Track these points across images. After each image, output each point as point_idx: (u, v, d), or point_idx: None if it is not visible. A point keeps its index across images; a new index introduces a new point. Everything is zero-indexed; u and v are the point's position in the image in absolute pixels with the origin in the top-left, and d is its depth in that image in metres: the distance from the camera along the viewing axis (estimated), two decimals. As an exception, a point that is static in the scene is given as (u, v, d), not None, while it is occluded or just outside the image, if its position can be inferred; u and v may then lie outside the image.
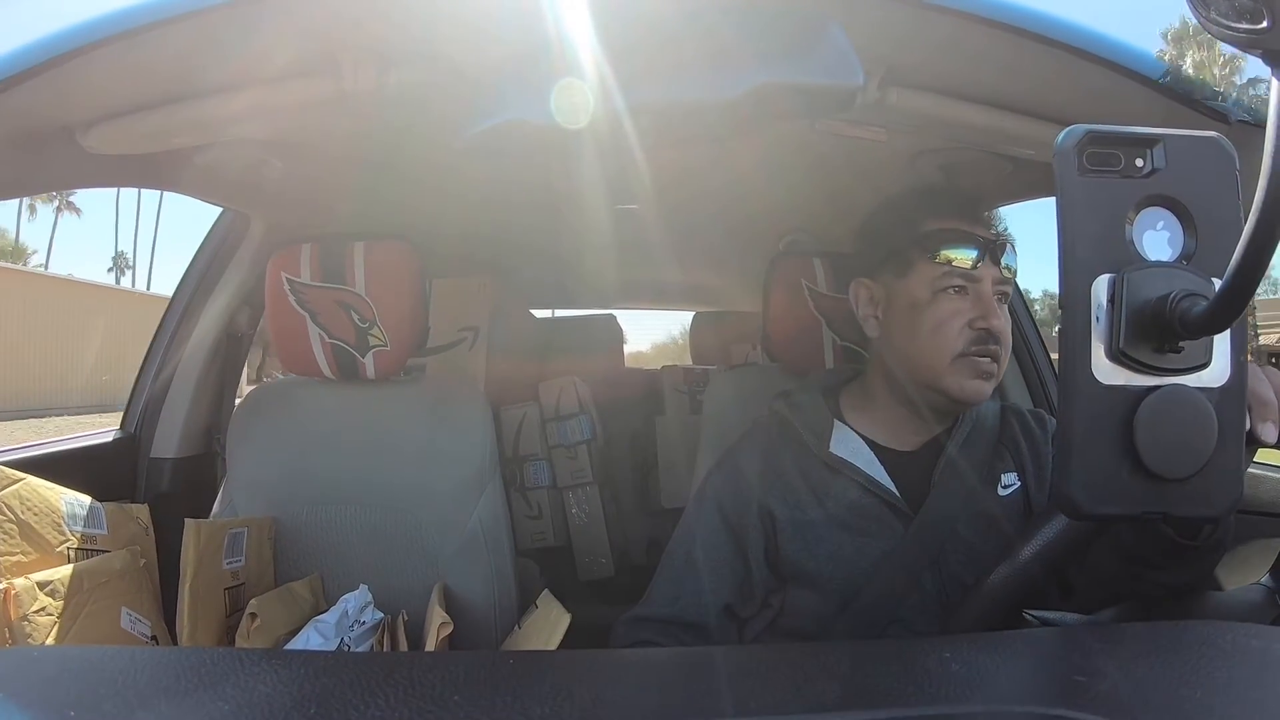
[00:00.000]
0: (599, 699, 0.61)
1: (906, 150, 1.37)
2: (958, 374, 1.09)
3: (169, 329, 1.87)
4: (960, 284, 1.10)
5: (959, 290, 1.10)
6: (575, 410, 2.82)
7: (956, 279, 1.10)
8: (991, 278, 1.10)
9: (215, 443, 1.90)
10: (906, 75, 1.09)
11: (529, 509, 2.79)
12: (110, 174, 1.30)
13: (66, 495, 1.24)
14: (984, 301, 1.10)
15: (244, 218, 1.80)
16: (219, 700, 0.55)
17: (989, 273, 1.10)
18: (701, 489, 1.25)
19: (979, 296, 1.10)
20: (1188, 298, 0.55)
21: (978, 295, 1.10)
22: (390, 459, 1.46)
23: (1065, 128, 0.59)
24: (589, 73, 0.94)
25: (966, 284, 1.10)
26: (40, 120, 1.08)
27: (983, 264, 1.10)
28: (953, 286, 1.11)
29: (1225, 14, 0.46)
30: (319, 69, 1.07)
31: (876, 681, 0.65)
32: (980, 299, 1.10)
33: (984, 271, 1.10)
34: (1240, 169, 0.58)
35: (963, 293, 1.11)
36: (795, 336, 1.56)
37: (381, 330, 1.45)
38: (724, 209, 1.94)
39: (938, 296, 1.11)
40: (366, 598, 1.31)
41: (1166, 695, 0.56)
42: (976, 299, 1.10)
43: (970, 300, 1.10)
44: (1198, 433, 0.57)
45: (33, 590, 1.09)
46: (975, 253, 1.10)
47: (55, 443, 1.73)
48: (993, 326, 1.08)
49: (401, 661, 0.79)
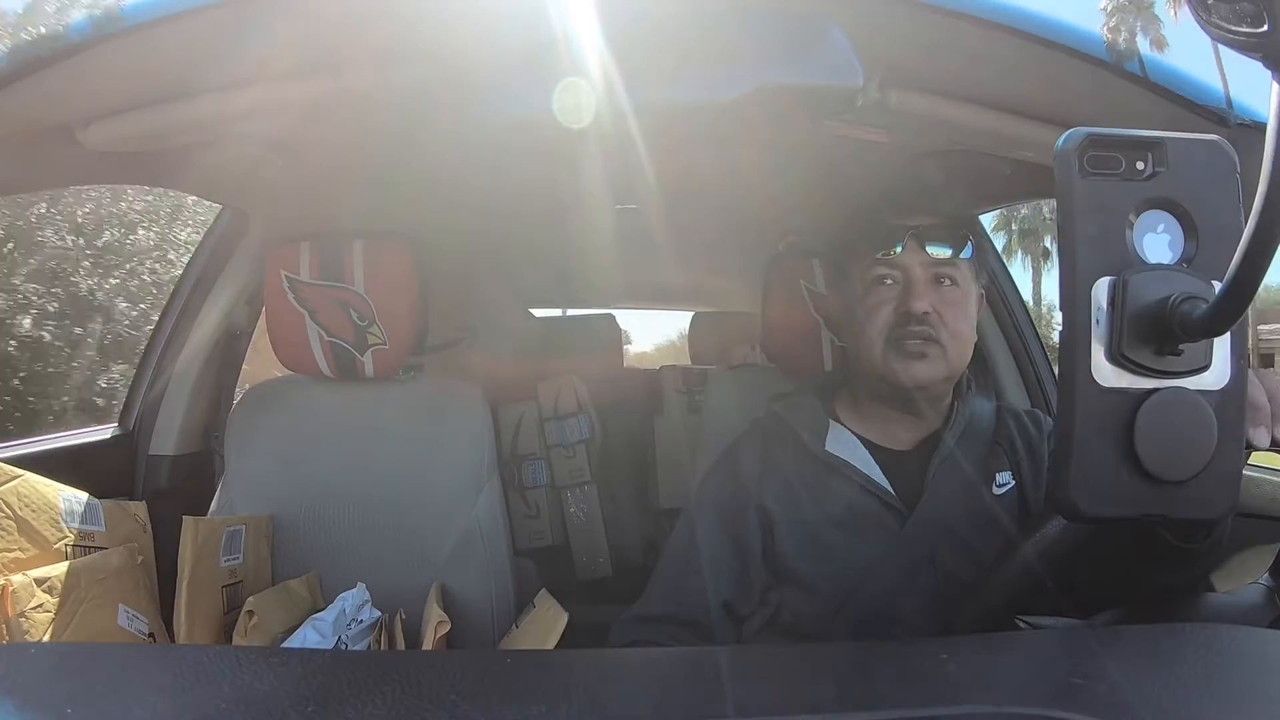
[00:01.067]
0: (596, 698, 0.60)
1: (907, 152, 1.37)
2: (890, 359, 1.12)
3: (168, 326, 1.87)
4: (886, 273, 1.13)
5: (889, 281, 1.13)
6: (574, 410, 2.81)
7: (882, 268, 1.14)
8: (920, 263, 1.12)
9: (213, 440, 1.90)
10: (907, 76, 1.09)
11: (527, 508, 2.78)
12: (110, 171, 1.30)
13: (64, 492, 1.24)
14: (909, 286, 1.12)
15: (243, 216, 1.80)
16: (216, 698, 0.55)
17: (915, 259, 1.12)
18: (700, 488, 1.26)
19: (907, 283, 1.12)
20: (1188, 300, 0.55)
21: (907, 282, 1.12)
22: (388, 457, 1.46)
23: (1066, 130, 0.59)
24: (590, 72, 0.94)
25: (893, 272, 1.13)
26: (39, 118, 1.08)
27: (906, 251, 1.12)
28: (880, 276, 1.14)
29: (1226, 18, 0.46)
30: (319, 67, 1.06)
31: (873, 683, 0.65)
32: (907, 284, 1.12)
33: (909, 259, 1.12)
34: (1241, 172, 0.58)
35: (893, 284, 1.13)
36: (794, 337, 1.57)
37: (380, 329, 1.45)
38: (724, 209, 1.94)
39: (869, 290, 1.15)
40: (364, 596, 1.31)
41: (1165, 698, 0.56)
42: (905, 286, 1.12)
43: (899, 289, 1.13)
44: (1197, 435, 0.57)
45: (30, 587, 1.09)
46: (897, 242, 1.12)
47: (53, 439, 1.73)
48: (911, 308, 1.10)
49: (399, 660, 0.79)
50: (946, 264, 1.13)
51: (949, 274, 1.13)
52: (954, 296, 1.13)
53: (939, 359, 1.11)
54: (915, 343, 1.11)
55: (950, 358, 1.12)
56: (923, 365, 1.11)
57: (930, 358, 1.11)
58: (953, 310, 1.12)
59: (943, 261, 1.12)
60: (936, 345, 1.11)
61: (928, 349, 1.11)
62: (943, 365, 1.12)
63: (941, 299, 1.12)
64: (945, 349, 1.11)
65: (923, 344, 1.11)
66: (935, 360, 1.11)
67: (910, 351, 1.11)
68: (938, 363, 1.12)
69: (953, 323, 1.12)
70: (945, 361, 1.12)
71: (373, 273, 1.44)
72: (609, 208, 1.76)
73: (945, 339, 1.11)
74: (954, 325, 1.12)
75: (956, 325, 1.12)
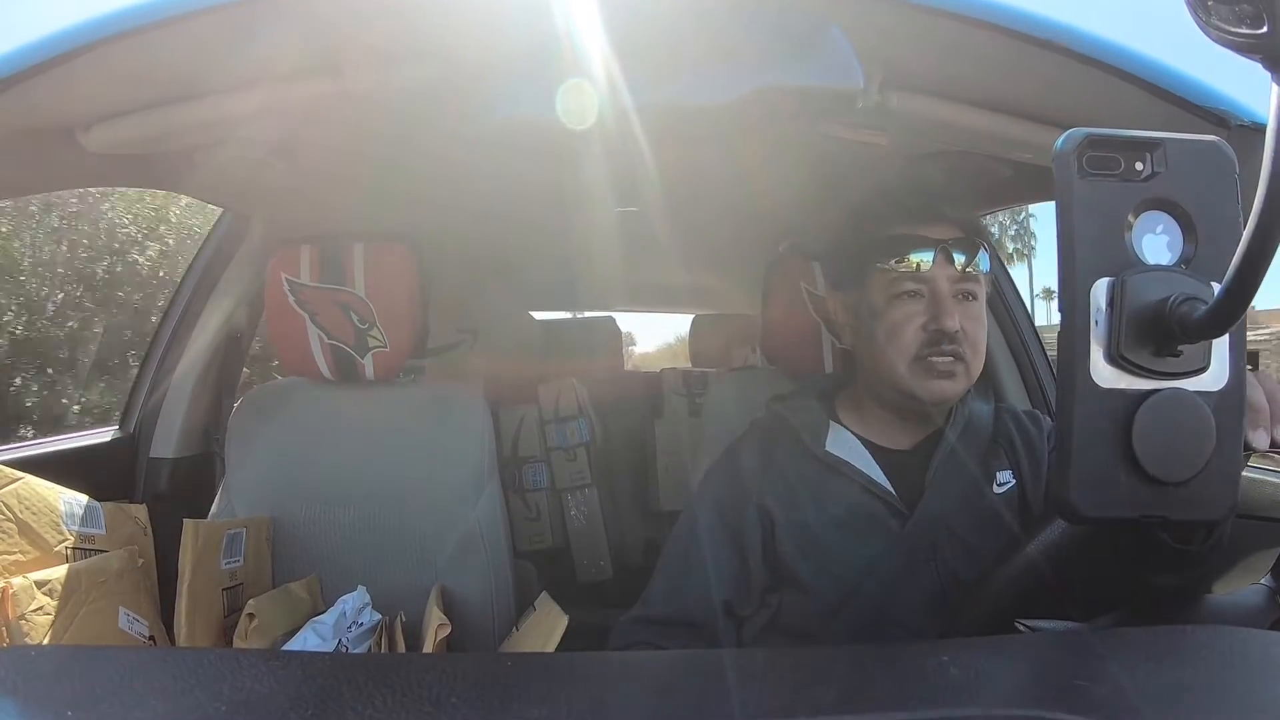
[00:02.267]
0: (596, 701, 0.60)
1: (906, 153, 1.37)
2: (917, 377, 1.10)
3: (169, 329, 1.88)
4: (913, 288, 1.11)
5: (913, 294, 1.11)
6: (574, 412, 2.82)
7: (909, 283, 1.11)
8: (947, 277, 1.10)
9: (214, 443, 1.90)
10: (907, 78, 1.09)
11: (527, 511, 2.79)
12: (110, 174, 1.30)
13: (65, 494, 1.24)
14: (938, 302, 1.10)
15: (244, 218, 1.81)
16: (216, 701, 0.55)
17: (943, 273, 1.10)
18: (700, 488, 1.25)
19: (934, 297, 1.10)
20: (1187, 301, 0.55)
21: (933, 296, 1.10)
22: (389, 460, 1.46)
23: (1064, 131, 0.59)
24: (592, 74, 0.94)
25: (920, 286, 1.11)
26: (40, 120, 1.08)
27: (935, 265, 1.10)
28: (906, 291, 1.11)
29: (1226, 19, 0.46)
30: (320, 68, 1.07)
31: (876, 685, 0.65)
32: (935, 300, 1.10)
33: (937, 272, 1.10)
34: (1240, 173, 0.58)
35: (917, 296, 1.11)
36: (794, 339, 1.57)
37: (381, 331, 1.45)
38: (724, 211, 1.94)
39: (892, 302, 1.12)
40: (364, 599, 1.31)
41: (1167, 700, 0.56)
42: (931, 300, 1.10)
43: (925, 303, 1.11)
44: (1196, 437, 0.57)
45: (30, 589, 1.09)
46: (926, 255, 1.10)
47: (54, 442, 1.73)
48: (944, 326, 1.08)
49: (399, 663, 0.78)
50: (970, 279, 1.11)
51: (972, 289, 1.12)
52: (975, 311, 1.12)
53: (963, 376, 1.11)
54: (945, 361, 1.09)
55: (971, 372, 1.12)
56: (950, 384, 1.10)
57: (956, 376, 1.10)
58: (975, 325, 1.11)
59: (967, 277, 1.11)
60: (962, 363, 1.10)
61: (956, 368, 1.10)
62: (964, 381, 1.11)
63: (965, 313, 1.10)
64: (969, 365, 1.11)
65: (953, 362, 1.09)
66: (960, 378, 1.10)
67: (940, 371, 1.09)
68: (961, 380, 1.11)
69: (974, 337, 1.11)
70: (967, 378, 1.11)
71: (373, 275, 1.45)
72: (609, 210, 1.76)
73: (969, 355, 1.10)
74: (975, 340, 1.11)
75: (977, 340, 1.12)
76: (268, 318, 1.49)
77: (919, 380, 1.10)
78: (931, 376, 1.10)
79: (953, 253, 1.10)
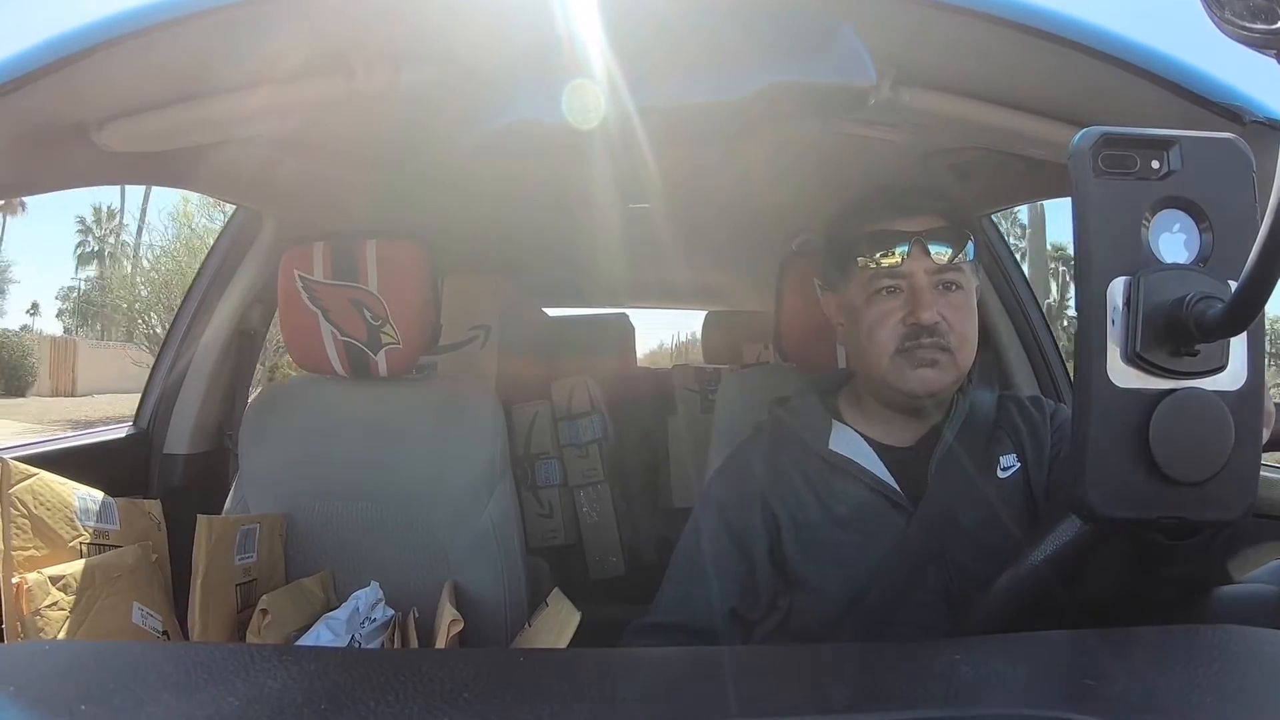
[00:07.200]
0: (609, 697, 0.61)
1: (919, 150, 1.37)
2: (900, 370, 1.10)
3: (182, 326, 1.89)
4: (890, 284, 1.11)
5: (891, 290, 1.11)
6: (587, 409, 2.82)
7: (885, 279, 1.11)
8: (925, 269, 1.10)
9: (227, 439, 1.91)
10: (919, 75, 1.08)
11: (540, 507, 2.79)
12: (123, 172, 1.31)
13: (79, 490, 1.25)
14: (915, 295, 1.10)
15: (257, 215, 1.81)
16: (229, 696, 0.55)
17: (920, 265, 1.10)
18: (705, 493, 1.25)
19: (912, 291, 1.10)
20: (1204, 300, 0.54)
21: (911, 290, 1.10)
22: (402, 457, 1.46)
23: (1079, 128, 0.58)
24: (600, 73, 0.94)
25: (897, 282, 1.11)
26: (54, 118, 1.08)
27: (910, 259, 1.10)
28: (884, 288, 1.12)
29: (1240, 14, 0.46)
30: (332, 68, 1.07)
31: (887, 683, 0.65)
32: (913, 293, 1.10)
33: (913, 265, 1.10)
34: (1256, 170, 0.58)
35: (896, 292, 1.11)
36: (807, 336, 1.56)
37: (393, 328, 1.45)
38: (736, 208, 1.94)
39: (871, 300, 1.13)
40: (377, 594, 1.31)
41: (1178, 700, 0.56)
42: (910, 294, 1.10)
43: (904, 297, 1.11)
44: (1214, 436, 0.57)
45: (45, 585, 1.10)
46: (901, 248, 1.10)
47: (68, 438, 1.74)
48: (921, 320, 1.08)
49: (412, 658, 0.79)
50: (951, 269, 1.11)
51: (954, 279, 1.12)
52: (959, 300, 1.12)
53: (949, 366, 1.10)
54: (926, 350, 1.09)
55: (959, 362, 1.11)
56: (934, 373, 1.10)
57: (941, 365, 1.10)
58: (958, 314, 1.11)
59: (947, 267, 1.11)
60: (947, 353, 1.10)
61: (939, 356, 1.10)
62: (952, 371, 1.11)
63: (948, 304, 1.10)
64: (954, 355, 1.10)
65: (935, 351, 1.09)
66: (945, 367, 1.10)
67: (921, 360, 1.10)
68: (948, 369, 1.11)
69: (959, 327, 1.11)
70: (955, 367, 1.11)
71: (386, 272, 1.45)
72: (621, 207, 1.76)
73: (954, 345, 1.10)
74: (961, 330, 1.11)
75: (963, 329, 1.11)
76: (280, 314, 1.49)
77: (902, 373, 1.10)
78: (913, 367, 1.10)
79: (928, 244, 1.10)
